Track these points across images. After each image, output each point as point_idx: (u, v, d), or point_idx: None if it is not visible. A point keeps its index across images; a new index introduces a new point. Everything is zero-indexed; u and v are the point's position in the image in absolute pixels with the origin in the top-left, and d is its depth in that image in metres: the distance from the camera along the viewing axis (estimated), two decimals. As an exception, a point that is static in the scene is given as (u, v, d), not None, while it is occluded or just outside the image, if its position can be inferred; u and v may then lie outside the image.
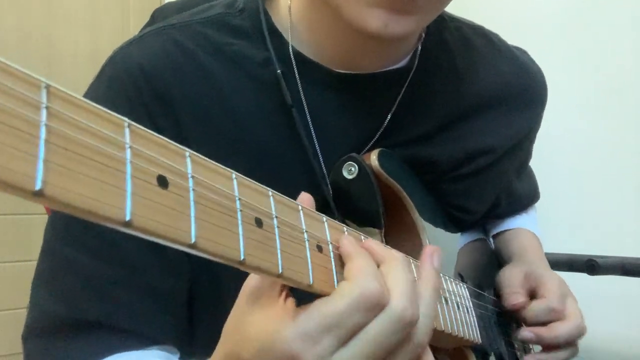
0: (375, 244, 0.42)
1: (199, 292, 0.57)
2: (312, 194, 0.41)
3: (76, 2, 1.97)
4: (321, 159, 0.59)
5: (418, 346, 0.40)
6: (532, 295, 0.71)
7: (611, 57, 1.29)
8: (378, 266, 0.40)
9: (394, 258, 0.40)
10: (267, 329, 0.35)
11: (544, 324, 0.67)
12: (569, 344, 0.67)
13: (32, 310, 0.53)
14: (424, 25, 0.59)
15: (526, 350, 0.77)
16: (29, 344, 0.53)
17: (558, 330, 0.65)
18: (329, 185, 0.59)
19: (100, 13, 2.01)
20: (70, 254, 0.52)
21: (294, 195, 0.39)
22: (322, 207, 0.56)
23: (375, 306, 0.34)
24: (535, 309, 0.68)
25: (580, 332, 0.66)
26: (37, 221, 1.83)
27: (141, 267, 0.52)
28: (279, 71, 0.57)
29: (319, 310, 0.35)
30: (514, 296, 0.70)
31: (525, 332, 0.67)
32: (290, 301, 0.37)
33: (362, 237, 0.44)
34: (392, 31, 0.51)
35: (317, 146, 0.59)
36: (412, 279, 0.39)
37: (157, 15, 0.76)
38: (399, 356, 0.39)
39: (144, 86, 0.54)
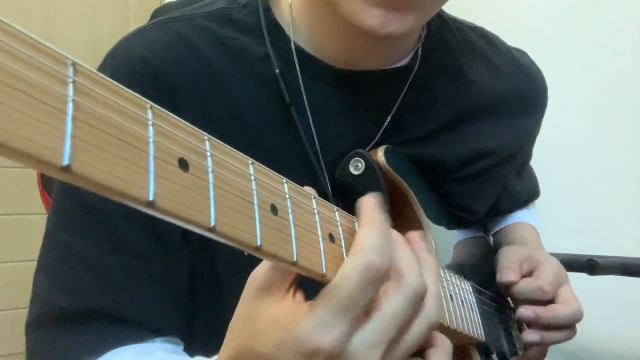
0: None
1: (197, 283, 0.56)
2: None
3: (76, 2, 1.97)
4: (320, 155, 0.59)
5: (429, 323, 0.39)
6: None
7: (612, 58, 1.30)
8: None
9: (394, 236, 0.40)
10: (283, 323, 0.35)
11: (533, 303, 0.67)
12: (567, 327, 0.66)
13: (34, 302, 0.53)
14: (421, 23, 0.59)
15: (527, 349, 0.76)
16: (32, 335, 0.52)
17: (556, 312, 0.65)
18: (328, 182, 0.59)
19: (100, 13, 2.01)
20: (75, 243, 0.52)
21: None
22: None
23: (378, 279, 0.34)
24: (524, 286, 0.68)
25: (579, 317, 0.66)
26: (37, 221, 1.82)
27: (145, 256, 0.52)
28: (277, 71, 0.57)
29: (328, 296, 0.34)
30: (507, 272, 0.69)
31: (524, 310, 0.66)
32: (300, 294, 0.37)
33: None
34: (389, 30, 0.51)
35: (316, 142, 0.59)
36: (412, 254, 0.40)
37: (158, 15, 0.75)
38: (413, 332, 0.38)
39: (146, 77, 0.54)
